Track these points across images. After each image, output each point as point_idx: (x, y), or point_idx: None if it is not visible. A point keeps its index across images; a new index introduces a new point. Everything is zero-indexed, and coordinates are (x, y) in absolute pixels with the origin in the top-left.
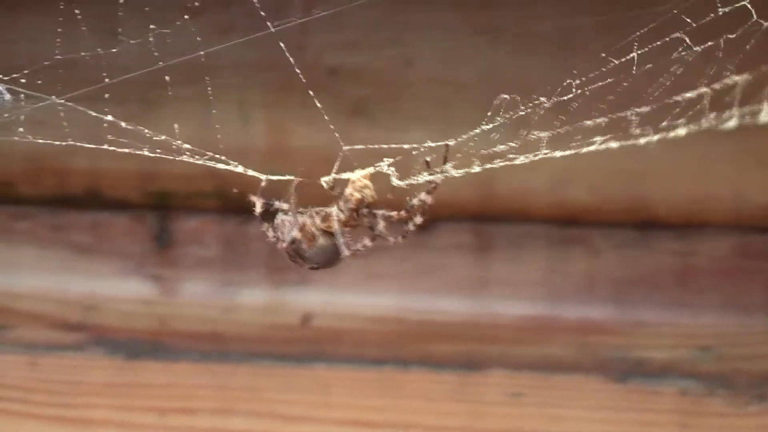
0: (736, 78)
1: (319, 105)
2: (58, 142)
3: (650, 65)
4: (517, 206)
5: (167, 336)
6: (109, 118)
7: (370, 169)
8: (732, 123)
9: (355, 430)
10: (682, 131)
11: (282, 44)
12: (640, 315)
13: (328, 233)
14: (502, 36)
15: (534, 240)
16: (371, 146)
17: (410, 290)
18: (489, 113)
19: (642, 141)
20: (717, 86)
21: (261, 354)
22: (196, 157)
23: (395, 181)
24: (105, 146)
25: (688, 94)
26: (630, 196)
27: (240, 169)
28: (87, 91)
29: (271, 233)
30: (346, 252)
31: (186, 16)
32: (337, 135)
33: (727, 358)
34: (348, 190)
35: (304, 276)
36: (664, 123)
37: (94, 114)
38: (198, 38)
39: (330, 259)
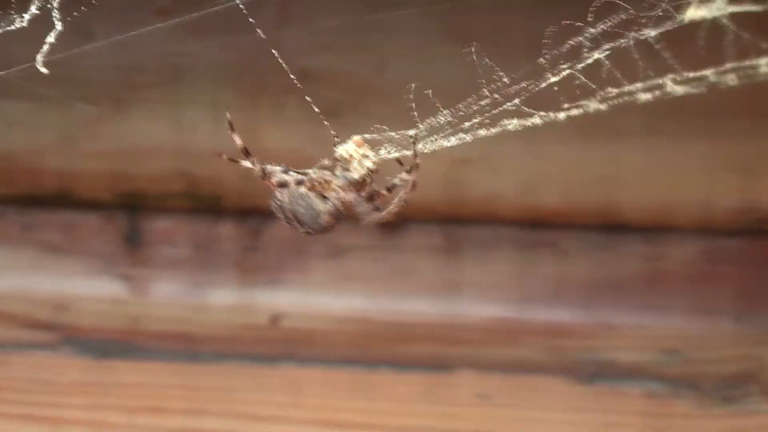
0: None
1: (309, 99)
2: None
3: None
4: (486, 209)
5: (138, 336)
6: None
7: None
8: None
9: (325, 429)
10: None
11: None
12: (608, 317)
13: (323, 196)
14: (475, 41)
15: (503, 243)
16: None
17: (380, 291)
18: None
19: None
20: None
21: (231, 354)
22: None
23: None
24: None
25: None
26: (599, 200)
27: None
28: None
29: (258, 166)
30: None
31: (159, 22)
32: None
33: (694, 360)
34: (354, 164)
35: (275, 276)
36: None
37: None
38: (170, 39)
39: (323, 226)
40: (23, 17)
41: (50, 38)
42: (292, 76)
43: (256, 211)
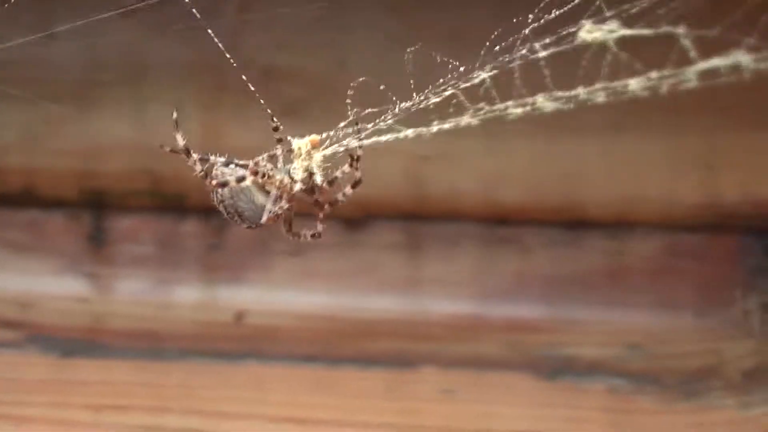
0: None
1: (262, 101)
2: None
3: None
4: (448, 206)
5: (102, 334)
6: None
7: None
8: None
9: (289, 426)
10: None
11: (220, 44)
12: (570, 313)
13: (265, 190)
14: (436, 38)
15: (466, 239)
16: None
17: (343, 288)
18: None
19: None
20: None
21: (195, 351)
22: None
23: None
24: None
25: None
26: (561, 196)
27: None
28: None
29: (198, 167)
30: (270, 207)
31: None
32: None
33: (656, 356)
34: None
35: (238, 274)
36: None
37: None
38: (133, 37)
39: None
40: None
41: None
42: (239, 70)
43: None
